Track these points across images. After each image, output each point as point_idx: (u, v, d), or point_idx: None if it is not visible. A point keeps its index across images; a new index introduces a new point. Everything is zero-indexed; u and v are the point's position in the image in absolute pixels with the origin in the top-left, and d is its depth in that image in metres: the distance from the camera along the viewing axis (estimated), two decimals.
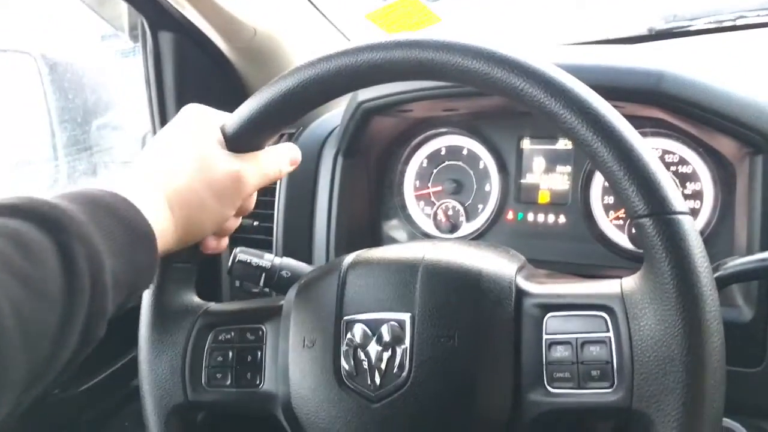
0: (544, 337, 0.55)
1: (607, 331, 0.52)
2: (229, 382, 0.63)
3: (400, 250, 0.62)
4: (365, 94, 0.91)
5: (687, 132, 0.82)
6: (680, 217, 0.49)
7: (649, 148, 0.51)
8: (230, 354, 0.63)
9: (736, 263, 0.60)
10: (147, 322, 0.64)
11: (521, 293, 0.57)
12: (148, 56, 1.11)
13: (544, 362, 0.54)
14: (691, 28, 1.17)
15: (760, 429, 0.73)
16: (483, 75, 0.53)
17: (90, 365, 0.94)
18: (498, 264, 0.59)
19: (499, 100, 0.88)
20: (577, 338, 0.53)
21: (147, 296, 0.64)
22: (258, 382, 0.62)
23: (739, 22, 1.14)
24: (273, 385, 0.62)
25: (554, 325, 0.55)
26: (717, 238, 0.82)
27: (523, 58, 0.53)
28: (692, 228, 0.50)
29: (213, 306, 0.66)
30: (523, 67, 0.52)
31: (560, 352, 0.54)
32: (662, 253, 0.49)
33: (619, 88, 0.76)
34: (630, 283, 0.53)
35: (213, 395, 0.63)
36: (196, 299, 0.67)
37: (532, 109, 0.53)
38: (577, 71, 0.54)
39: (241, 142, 0.61)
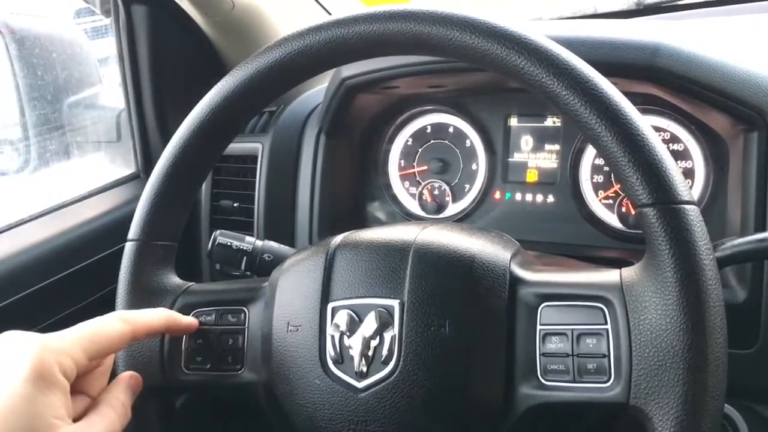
0: (539, 327, 0.53)
1: (605, 323, 0.50)
2: (208, 365, 0.61)
3: (390, 232, 0.60)
4: (349, 70, 0.89)
5: (679, 109, 0.81)
6: (686, 207, 0.47)
7: (655, 134, 0.49)
8: (210, 336, 0.61)
9: (733, 244, 0.58)
10: (124, 301, 0.62)
11: (516, 281, 0.55)
12: (121, 31, 1.08)
13: (538, 353, 0.52)
14: (680, 2, 1.15)
15: (752, 411, 0.72)
16: (482, 51, 0.51)
17: None
18: (492, 250, 0.57)
19: (486, 76, 0.86)
20: (573, 329, 0.51)
21: (124, 275, 0.62)
22: (239, 367, 0.60)
23: None
24: (254, 370, 0.60)
25: (549, 315, 0.53)
26: (709, 217, 0.81)
27: (525, 33, 0.50)
28: (698, 218, 0.48)
29: (193, 286, 0.64)
30: (525, 43, 0.50)
31: (555, 344, 0.52)
32: (666, 244, 0.47)
33: (611, 63, 0.74)
34: (630, 273, 0.51)
35: (192, 379, 0.61)
36: (176, 279, 0.65)
37: (532, 89, 0.51)
38: (568, 45, 0.52)
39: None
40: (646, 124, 0.49)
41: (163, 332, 0.59)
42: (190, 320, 0.61)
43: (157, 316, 0.57)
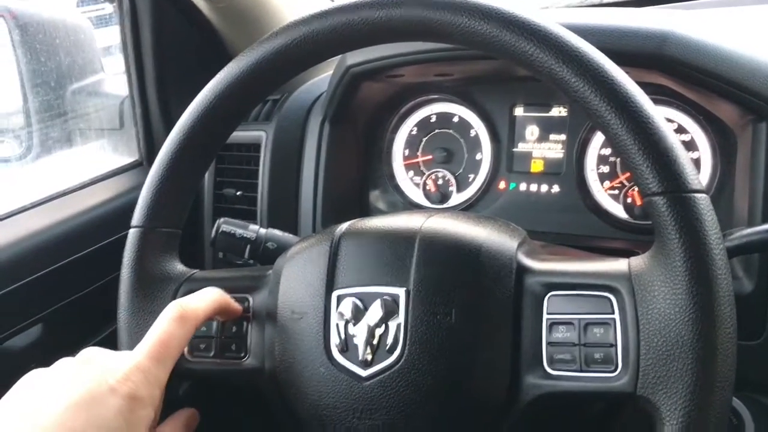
0: (545, 316, 0.52)
1: (613, 312, 0.50)
2: (212, 353, 0.60)
3: (396, 220, 0.59)
4: (354, 57, 0.88)
5: (687, 99, 0.80)
6: (696, 195, 0.47)
7: (666, 122, 0.48)
8: (214, 324, 0.61)
9: (742, 234, 0.58)
10: (127, 288, 0.61)
11: (522, 270, 0.54)
12: (124, 18, 1.07)
13: (544, 343, 0.52)
14: None
15: (759, 403, 0.72)
16: (490, 37, 0.50)
17: (68, 341, 0.91)
18: (498, 238, 0.56)
19: (492, 65, 0.85)
20: (580, 319, 0.51)
21: (128, 261, 0.62)
22: (243, 355, 0.60)
23: None
24: (258, 357, 0.59)
25: (556, 304, 0.52)
26: (716, 208, 0.79)
27: (534, 19, 0.50)
28: (708, 207, 0.47)
29: (197, 273, 0.64)
30: (534, 29, 0.49)
31: (562, 333, 0.51)
32: (676, 233, 0.46)
33: (619, 52, 0.72)
34: (638, 262, 0.50)
35: (195, 366, 0.61)
36: (180, 266, 0.64)
37: (541, 76, 0.50)
38: (576, 33, 0.51)
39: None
40: (657, 112, 0.48)
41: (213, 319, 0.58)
42: (237, 304, 0.59)
43: (212, 304, 0.56)
